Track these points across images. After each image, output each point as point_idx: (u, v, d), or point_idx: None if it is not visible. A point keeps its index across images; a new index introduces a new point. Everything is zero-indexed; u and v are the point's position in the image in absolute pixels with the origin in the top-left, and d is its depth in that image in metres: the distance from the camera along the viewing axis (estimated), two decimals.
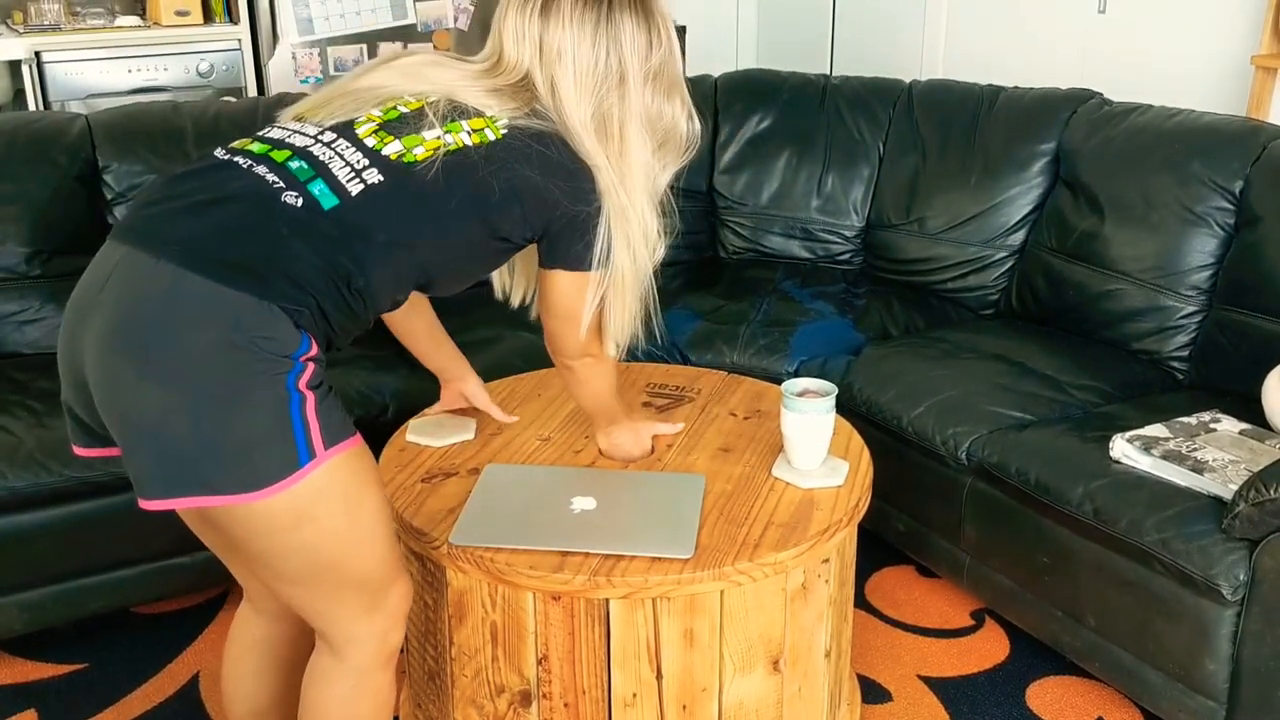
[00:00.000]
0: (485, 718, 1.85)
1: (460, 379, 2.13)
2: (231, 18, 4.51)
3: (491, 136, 1.56)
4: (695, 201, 3.38)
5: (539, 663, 1.77)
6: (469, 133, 1.55)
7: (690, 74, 3.67)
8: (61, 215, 2.74)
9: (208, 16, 4.51)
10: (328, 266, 1.45)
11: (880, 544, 2.76)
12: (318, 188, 1.47)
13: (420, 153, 1.51)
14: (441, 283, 1.66)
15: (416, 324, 2.02)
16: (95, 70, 4.26)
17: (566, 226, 1.62)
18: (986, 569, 2.41)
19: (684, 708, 1.78)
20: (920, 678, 2.37)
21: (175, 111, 2.94)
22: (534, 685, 1.78)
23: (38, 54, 4.17)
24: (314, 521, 1.46)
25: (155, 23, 4.46)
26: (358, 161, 1.50)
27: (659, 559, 1.70)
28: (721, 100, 3.42)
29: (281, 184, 1.46)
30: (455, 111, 1.56)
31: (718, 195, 3.39)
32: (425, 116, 1.54)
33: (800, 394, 1.92)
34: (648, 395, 2.24)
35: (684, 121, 1.72)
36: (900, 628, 2.52)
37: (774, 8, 5.57)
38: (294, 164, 1.49)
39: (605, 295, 1.69)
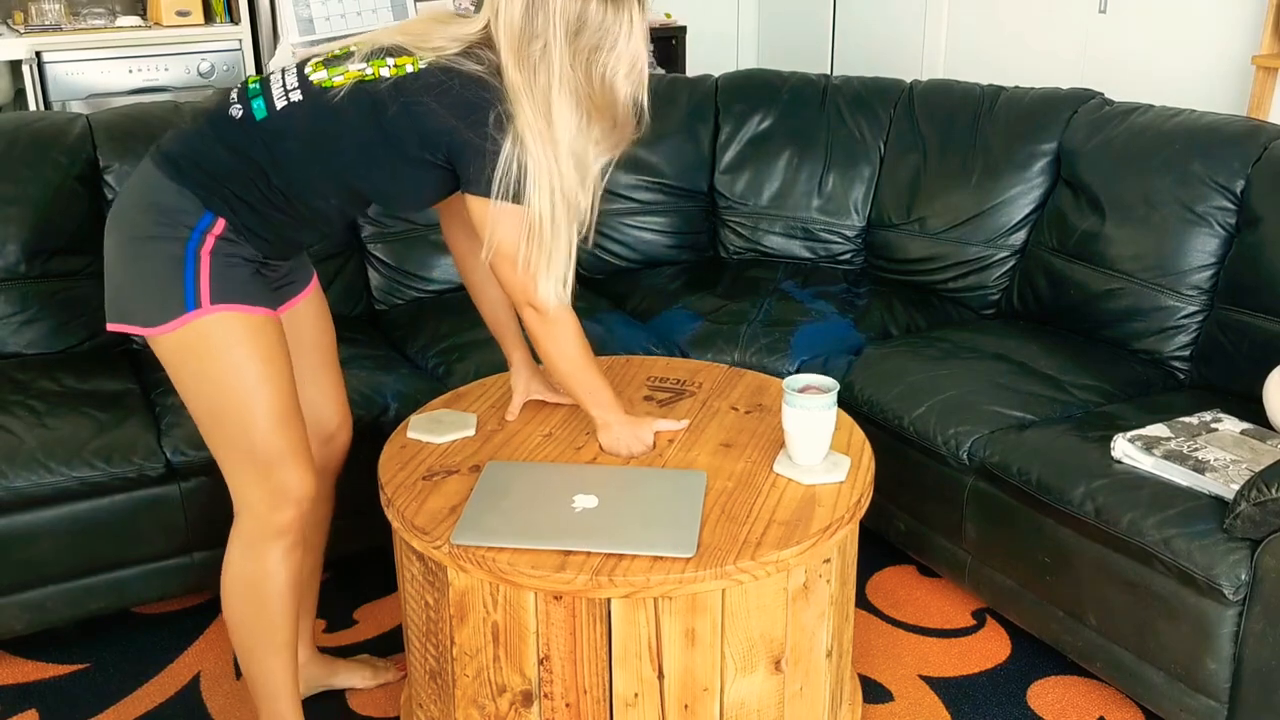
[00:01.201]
0: (487, 718, 1.85)
1: (512, 367, 2.19)
2: (232, 18, 4.51)
3: (409, 70, 1.75)
4: (696, 201, 3.38)
5: (540, 662, 1.77)
6: (390, 67, 1.76)
7: (691, 74, 3.67)
8: (62, 216, 2.74)
9: (209, 16, 4.51)
10: (244, 163, 1.79)
11: (881, 544, 2.76)
12: (256, 103, 1.81)
13: (339, 80, 1.77)
14: (384, 196, 1.91)
15: (486, 293, 2.16)
16: (96, 70, 4.26)
17: (463, 150, 1.76)
18: (988, 569, 2.41)
19: (685, 707, 1.78)
20: (921, 677, 2.37)
21: (176, 112, 2.94)
22: (535, 685, 1.79)
23: (38, 54, 4.17)
24: (202, 362, 1.80)
25: (156, 23, 4.47)
26: (291, 85, 1.81)
27: (661, 558, 1.70)
28: (722, 100, 3.42)
29: (237, 102, 1.83)
30: (384, 51, 1.78)
31: (718, 195, 3.39)
32: (353, 55, 1.80)
33: (802, 390, 1.91)
34: (649, 389, 2.24)
35: (620, 105, 1.80)
36: (901, 627, 2.52)
37: (774, 8, 5.57)
38: (252, 87, 1.85)
39: (531, 237, 1.81)
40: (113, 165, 2.80)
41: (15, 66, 4.21)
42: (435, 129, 1.74)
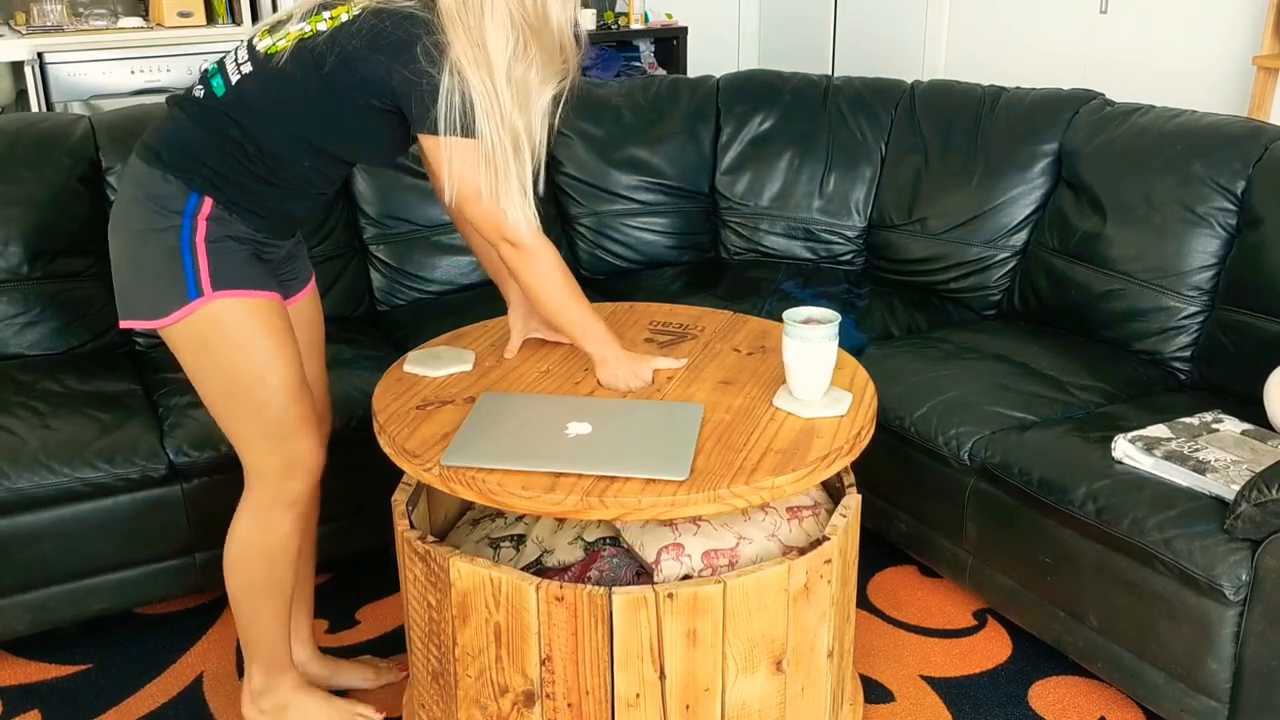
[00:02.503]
0: (489, 718, 1.85)
1: (510, 305, 2.20)
2: (234, 18, 4.51)
3: (344, 18, 1.79)
4: (697, 202, 3.39)
5: (542, 663, 1.77)
6: (326, 20, 1.80)
7: (692, 74, 3.68)
8: (65, 217, 2.74)
9: (210, 17, 4.51)
10: (218, 139, 1.83)
11: (882, 544, 2.76)
12: (215, 81, 1.86)
13: (282, 44, 1.81)
14: (350, 151, 1.91)
15: (475, 237, 2.18)
16: (98, 71, 4.27)
17: (404, 91, 1.77)
18: (989, 569, 2.41)
19: (687, 708, 1.78)
20: (922, 678, 2.37)
21: None
22: (537, 686, 1.79)
23: (40, 55, 4.17)
24: (211, 350, 1.85)
25: (158, 24, 4.47)
26: (241, 59, 1.86)
27: (653, 481, 1.68)
28: (723, 101, 3.42)
29: (199, 84, 1.90)
30: (320, 6, 1.83)
31: (719, 196, 3.39)
32: (293, 16, 1.85)
33: (805, 322, 1.88)
34: (650, 333, 2.23)
35: (554, 26, 1.80)
36: (902, 628, 2.53)
37: (776, 9, 5.58)
38: (211, 68, 1.91)
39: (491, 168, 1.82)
40: (115, 166, 2.81)
41: (17, 67, 4.21)
42: (373, 75, 1.76)
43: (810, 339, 1.86)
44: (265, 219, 1.90)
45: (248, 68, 1.84)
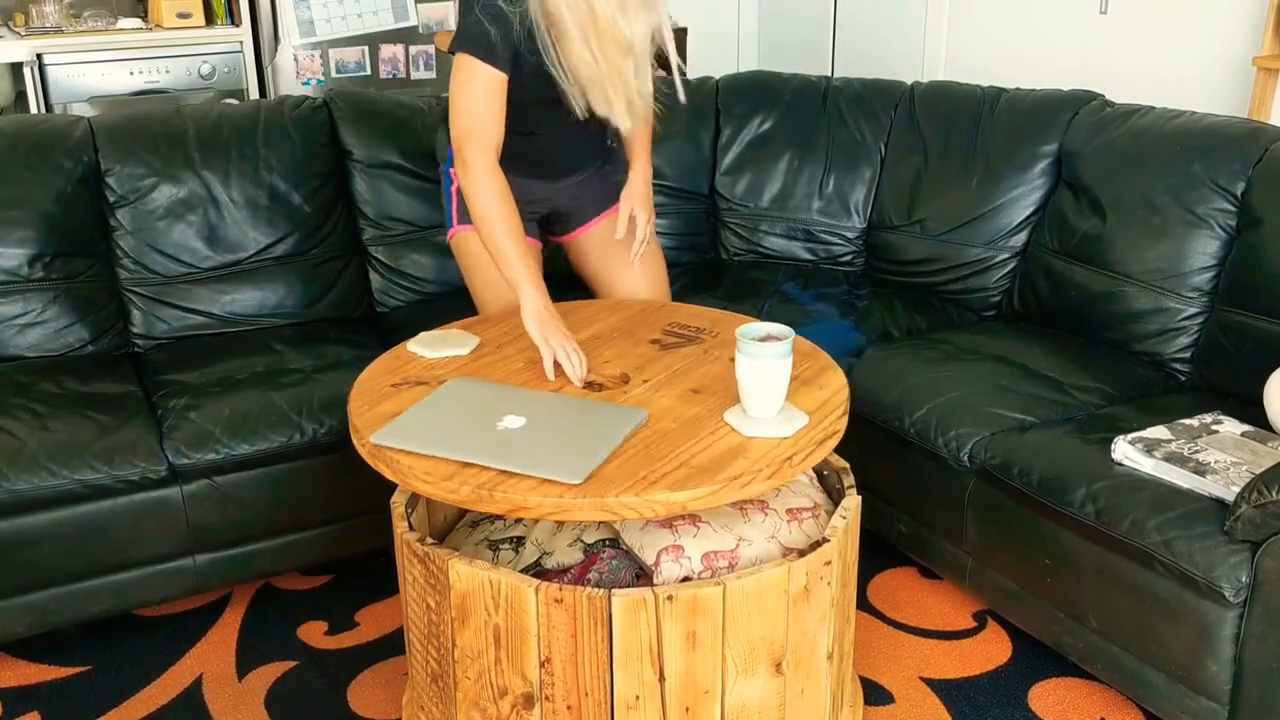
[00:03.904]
0: None
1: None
2: (233, 20, 4.52)
3: None
4: (696, 203, 3.39)
5: (542, 665, 1.77)
6: None
7: (691, 75, 3.68)
8: (64, 218, 2.74)
9: (209, 19, 4.51)
10: None
11: (882, 545, 2.76)
12: None
13: None
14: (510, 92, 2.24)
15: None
16: (97, 72, 4.27)
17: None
18: (988, 571, 2.41)
19: (686, 710, 1.78)
20: (922, 679, 2.37)
21: (178, 114, 2.94)
22: (537, 688, 1.79)
23: (39, 56, 4.17)
24: (460, 262, 2.51)
25: (157, 25, 4.47)
26: None
27: (548, 481, 1.70)
28: (723, 102, 3.42)
29: None
30: None
31: (719, 197, 3.39)
32: None
33: (763, 339, 1.83)
34: (661, 333, 2.23)
35: None
36: (902, 629, 2.53)
37: (775, 9, 5.58)
38: None
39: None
40: (114, 168, 2.81)
41: (16, 69, 4.22)
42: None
43: (759, 356, 1.82)
44: (510, 160, 2.25)
45: None
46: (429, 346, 2.16)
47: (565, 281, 2.74)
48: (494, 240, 2.18)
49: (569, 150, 2.48)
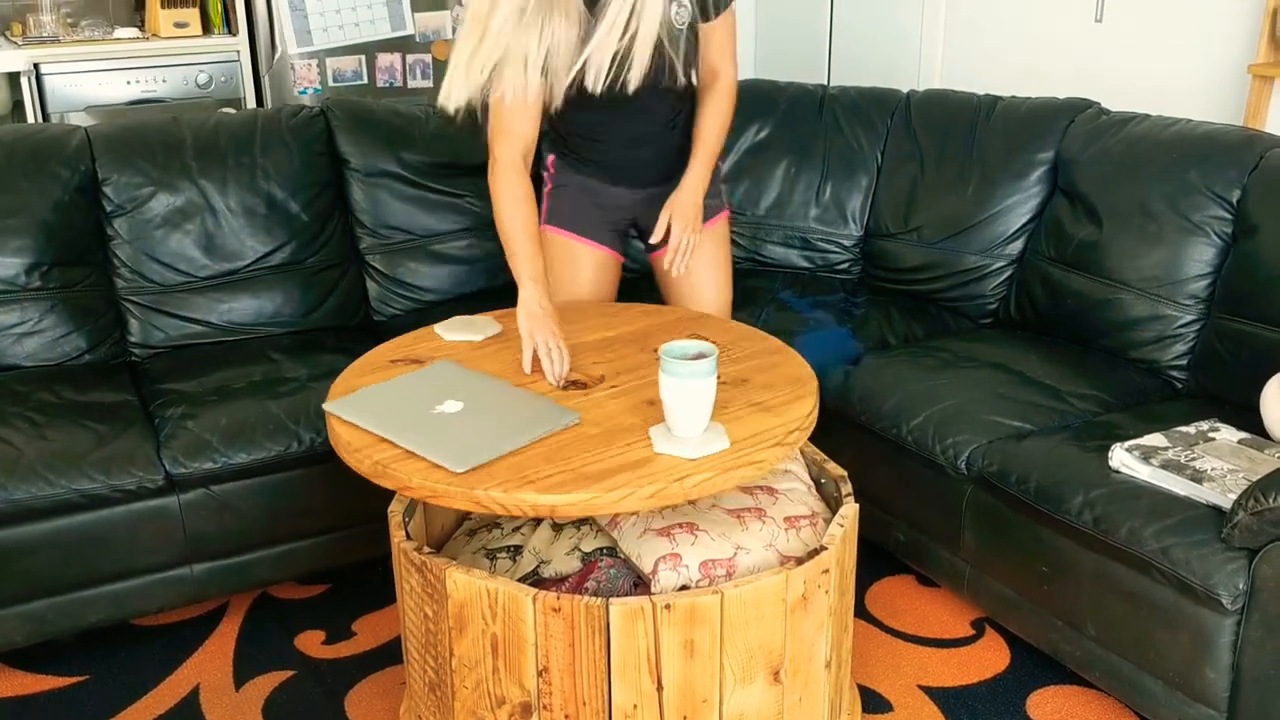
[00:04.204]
0: None
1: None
2: (230, 29, 4.51)
3: None
4: None
5: (539, 674, 1.77)
6: None
7: None
8: (61, 227, 2.74)
9: (206, 28, 4.51)
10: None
11: (880, 553, 2.76)
12: None
13: None
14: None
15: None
16: (94, 82, 4.26)
17: None
18: (986, 578, 2.41)
19: (685, 719, 1.78)
20: (920, 688, 2.37)
21: (175, 123, 2.95)
22: (534, 697, 1.79)
23: (36, 65, 4.17)
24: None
25: (154, 34, 4.47)
26: None
27: (437, 466, 1.75)
28: None
29: None
30: None
31: None
32: None
33: (695, 357, 1.78)
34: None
35: None
36: (900, 637, 2.53)
37: (771, 17, 5.58)
38: None
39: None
40: (111, 177, 2.81)
41: (13, 78, 4.21)
42: None
43: (679, 375, 1.77)
44: (585, 164, 2.44)
45: None
46: (451, 329, 2.25)
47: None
48: (505, 234, 2.23)
49: (643, 156, 2.44)
